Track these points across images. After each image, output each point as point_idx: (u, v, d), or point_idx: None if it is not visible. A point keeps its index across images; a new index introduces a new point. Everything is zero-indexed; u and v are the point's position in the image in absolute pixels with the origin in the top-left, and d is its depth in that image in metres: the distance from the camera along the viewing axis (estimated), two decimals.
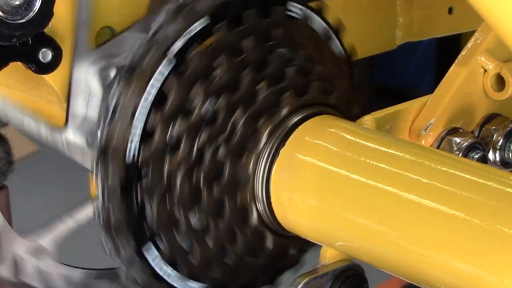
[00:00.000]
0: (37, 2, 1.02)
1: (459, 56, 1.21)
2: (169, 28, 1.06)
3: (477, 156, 1.18)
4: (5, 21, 1.00)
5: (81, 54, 1.13)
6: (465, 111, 1.21)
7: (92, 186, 1.08)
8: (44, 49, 1.08)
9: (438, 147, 1.18)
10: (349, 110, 1.17)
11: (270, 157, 1.07)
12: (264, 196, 1.08)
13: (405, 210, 0.97)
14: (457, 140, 1.18)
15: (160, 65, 1.05)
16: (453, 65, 1.20)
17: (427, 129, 1.18)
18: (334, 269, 1.11)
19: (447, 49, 3.21)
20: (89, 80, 1.13)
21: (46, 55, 1.08)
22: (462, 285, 0.92)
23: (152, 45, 1.05)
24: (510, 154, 1.23)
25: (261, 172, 1.07)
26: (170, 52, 1.05)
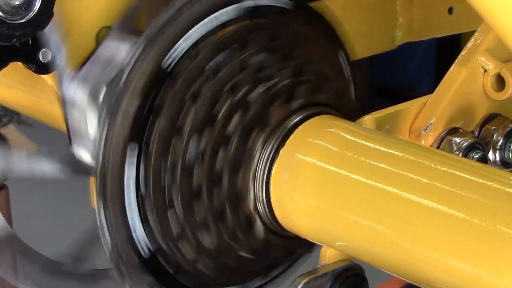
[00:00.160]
0: (37, 2, 1.02)
1: (459, 56, 1.21)
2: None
3: (477, 156, 1.18)
4: (5, 21, 1.00)
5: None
6: (465, 111, 1.21)
7: (92, 185, 1.08)
8: (44, 49, 1.08)
9: (438, 147, 1.18)
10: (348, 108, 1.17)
11: (270, 157, 1.07)
12: (264, 197, 1.08)
13: (405, 210, 0.97)
14: (457, 140, 1.18)
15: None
16: (453, 65, 1.20)
17: (427, 129, 1.18)
18: (334, 269, 1.10)
19: (447, 49, 3.20)
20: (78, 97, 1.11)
21: (46, 55, 1.08)
22: (462, 285, 0.92)
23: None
24: (510, 154, 1.23)
25: (261, 173, 1.08)
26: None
